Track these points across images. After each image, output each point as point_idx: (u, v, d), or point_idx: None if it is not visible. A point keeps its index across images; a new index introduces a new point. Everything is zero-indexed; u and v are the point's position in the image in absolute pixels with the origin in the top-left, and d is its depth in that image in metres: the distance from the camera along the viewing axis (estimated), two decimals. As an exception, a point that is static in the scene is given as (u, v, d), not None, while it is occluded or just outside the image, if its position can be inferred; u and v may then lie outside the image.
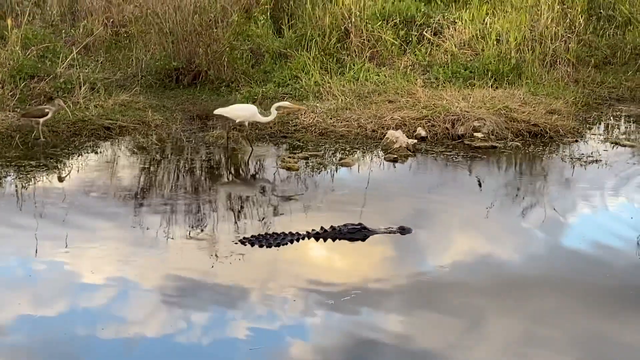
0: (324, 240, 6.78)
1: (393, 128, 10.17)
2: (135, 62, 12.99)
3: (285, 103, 10.15)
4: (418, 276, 6.25)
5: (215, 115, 10.21)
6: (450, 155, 9.68)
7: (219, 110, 9.87)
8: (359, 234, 6.85)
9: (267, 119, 9.84)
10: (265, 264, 6.36)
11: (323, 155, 9.59)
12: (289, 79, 12.39)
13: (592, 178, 8.82)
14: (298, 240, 6.72)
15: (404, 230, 6.95)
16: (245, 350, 5.06)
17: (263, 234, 6.74)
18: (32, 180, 8.46)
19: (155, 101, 11.70)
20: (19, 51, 11.68)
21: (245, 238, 6.69)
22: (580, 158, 9.55)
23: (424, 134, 10.23)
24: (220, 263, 6.29)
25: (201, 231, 7.03)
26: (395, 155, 9.50)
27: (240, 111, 9.79)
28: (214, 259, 6.38)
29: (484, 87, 11.86)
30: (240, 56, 12.84)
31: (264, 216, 7.49)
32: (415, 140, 9.92)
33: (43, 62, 12.13)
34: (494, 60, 12.69)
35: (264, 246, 6.58)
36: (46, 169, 8.89)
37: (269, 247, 6.57)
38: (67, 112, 10.25)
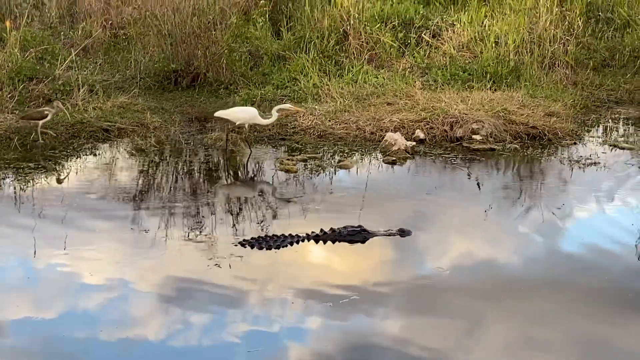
0: (324, 243, 6.77)
1: (392, 130, 10.16)
2: (134, 64, 13.00)
3: (287, 105, 10.15)
4: (417, 278, 6.25)
5: (215, 118, 10.20)
6: (449, 157, 9.68)
7: (219, 113, 9.86)
8: (358, 236, 6.83)
9: (268, 121, 9.83)
10: (265, 266, 6.35)
11: (322, 158, 9.58)
12: (288, 81, 12.39)
13: (591, 180, 8.83)
14: (298, 242, 6.71)
15: (403, 233, 6.94)
16: (244, 353, 5.05)
17: (263, 236, 6.72)
18: (31, 182, 8.45)
19: (154, 103, 11.71)
20: (18, 53, 11.68)
21: (244, 240, 6.68)
22: (578, 160, 9.55)
23: (422, 136, 10.23)
24: (219, 265, 6.28)
25: (200, 233, 7.02)
26: (394, 158, 9.50)
27: (241, 113, 9.78)
28: (213, 261, 6.37)
29: (482, 90, 11.86)
30: (238, 58, 12.85)
31: (263, 218, 7.48)
32: (414, 143, 9.92)
33: (42, 64, 12.13)
34: (493, 63, 12.69)
35: (264, 248, 6.57)
36: (45, 171, 8.88)
37: (268, 250, 6.56)
38: (66, 114, 10.25)
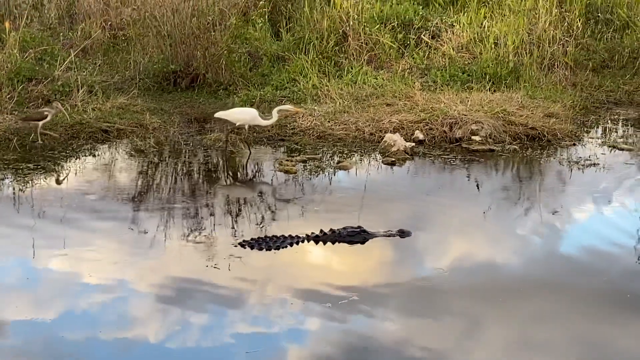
0: (324, 244, 6.76)
1: (391, 131, 10.17)
2: (133, 65, 12.99)
3: (287, 106, 10.14)
4: (417, 279, 6.25)
5: (214, 119, 10.19)
6: (448, 158, 9.68)
7: (220, 114, 9.85)
8: (358, 237, 6.83)
9: (268, 122, 9.81)
10: (264, 267, 6.35)
11: (321, 159, 9.58)
12: (287, 82, 12.39)
13: (590, 181, 8.83)
14: (297, 243, 6.71)
15: (403, 233, 6.94)
16: (243, 354, 5.04)
17: (263, 237, 6.72)
18: (30, 182, 8.44)
19: (153, 104, 11.70)
20: (17, 54, 11.67)
21: (244, 241, 6.68)
22: (577, 161, 9.56)
23: (421, 137, 10.23)
24: (219, 266, 6.28)
25: (199, 234, 7.01)
26: (393, 159, 9.50)
27: (241, 115, 9.77)
28: (212, 262, 6.37)
29: (481, 91, 11.87)
30: (238, 59, 12.85)
31: (263, 219, 7.48)
32: (413, 144, 9.92)
33: (41, 65, 12.11)
34: (492, 64, 12.70)
35: (263, 249, 6.57)
36: (44, 171, 8.87)
37: (268, 250, 6.56)
38: (65, 115, 10.24)
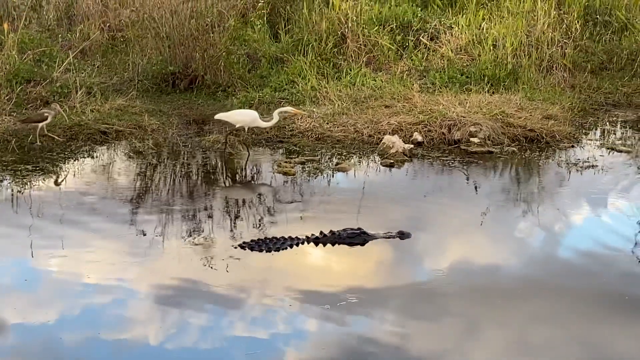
0: (324, 245, 6.76)
1: (389, 133, 10.17)
2: (132, 67, 12.99)
3: (288, 108, 10.14)
4: (417, 281, 6.25)
5: (214, 120, 10.18)
6: (447, 160, 9.68)
7: (220, 115, 9.85)
8: (358, 238, 6.83)
9: (268, 123, 9.81)
10: (264, 268, 6.35)
11: (319, 160, 9.57)
12: (286, 84, 12.39)
13: (588, 183, 8.84)
14: (297, 244, 6.70)
15: (403, 235, 6.94)
16: (242, 355, 5.04)
17: (262, 239, 6.71)
18: (29, 184, 8.43)
19: (152, 106, 11.70)
20: (16, 55, 11.66)
21: (244, 243, 6.67)
22: (576, 163, 9.56)
23: (420, 139, 10.23)
24: (218, 267, 6.28)
25: (199, 236, 7.01)
26: (392, 160, 9.50)
27: (241, 116, 9.77)
28: (212, 264, 6.36)
29: (480, 93, 11.87)
30: (236, 61, 12.85)
31: (262, 221, 7.48)
32: (412, 145, 9.93)
33: (39, 67, 12.11)
34: (491, 66, 12.70)
35: (263, 251, 6.57)
36: (42, 173, 8.86)
37: (268, 252, 6.56)
38: (64, 117, 10.23)
